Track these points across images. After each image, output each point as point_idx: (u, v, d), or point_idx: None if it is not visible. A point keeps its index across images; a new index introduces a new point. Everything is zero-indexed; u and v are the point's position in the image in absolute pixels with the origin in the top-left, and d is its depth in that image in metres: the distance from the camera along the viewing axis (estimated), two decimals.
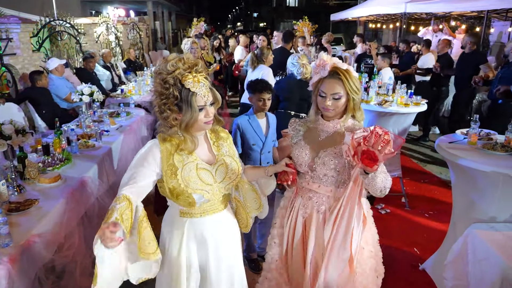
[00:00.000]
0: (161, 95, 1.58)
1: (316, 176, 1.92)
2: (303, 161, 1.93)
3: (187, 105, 1.57)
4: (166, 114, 1.59)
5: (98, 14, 12.37)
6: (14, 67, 5.97)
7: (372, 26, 15.35)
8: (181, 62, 1.57)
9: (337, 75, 1.80)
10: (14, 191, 2.55)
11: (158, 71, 1.59)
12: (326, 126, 1.91)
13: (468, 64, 5.66)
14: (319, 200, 1.94)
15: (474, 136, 2.66)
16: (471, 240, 2.25)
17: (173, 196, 1.67)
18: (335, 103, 1.81)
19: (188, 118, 1.58)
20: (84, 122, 4.11)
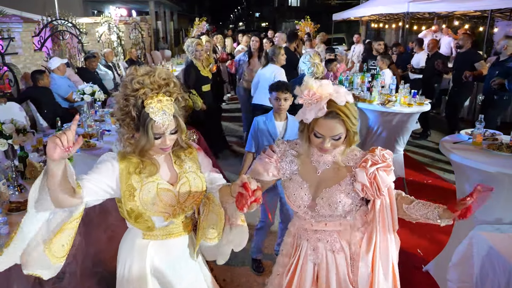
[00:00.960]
0: (120, 109, 1.44)
1: (319, 215, 1.68)
2: (302, 203, 1.67)
3: (144, 130, 1.42)
4: (122, 130, 1.49)
5: (100, 13, 12.38)
6: (16, 66, 5.96)
7: (374, 26, 15.32)
8: (149, 79, 1.39)
9: (337, 116, 1.52)
10: (15, 191, 2.54)
11: (124, 83, 1.43)
12: (322, 158, 1.66)
13: (465, 62, 5.92)
14: (330, 238, 1.70)
15: (479, 136, 2.64)
16: (476, 242, 2.23)
17: (131, 219, 1.55)
18: (334, 143, 1.57)
19: (143, 143, 1.45)
20: (86, 121, 4.10)
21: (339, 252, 1.70)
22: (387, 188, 1.60)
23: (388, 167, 1.56)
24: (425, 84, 6.65)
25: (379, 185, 1.54)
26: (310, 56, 3.83)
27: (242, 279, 3.06)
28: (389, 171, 1.58)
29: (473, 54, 6.00)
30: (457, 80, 6.09)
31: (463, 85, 6.04)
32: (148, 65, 1.49)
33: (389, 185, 1.61)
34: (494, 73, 4.99)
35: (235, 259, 3.12)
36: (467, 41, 5.94)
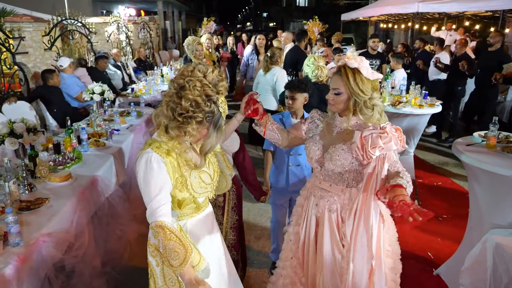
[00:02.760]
0: (196, 105, 1.48)
1: (326, 174, 1.93)
2: (313, 155, 1.96)
3: (216, 127, 1.55)
4: (191, 126, 1.50)
5: (109, 13, 12.45)
6: (26, 65, 6.01)
7: (383, 26, 15.21)
8: (222, 84, 1.54)
9: (339, 72, 1.82)
10: (25, 190, 2.54)
11: (202, 80, 1.49)
12: (340, 122, 1.91)
13: (492, 63, 5.53)
14: (330, 199, 1.94)
15: (493, 139, 2.58)
16: (490, 246, 2.18)
17: (180, 207, 1.64)
18: (335, 98, 1.84)
19: (215, 140, 1.57)
20: (95, 121, 4.11)
21: (333, 212, 1.92)
22: (377, 152, 1.71)
23: (383, 133, 1.70)
24: (449, 86, 6.36)
25: (368, 146, 1.70)
26: (314, 59, 3.78)
27: (252, 280, 3.04)
28: (384, 137, 1.70)
29: (503, 54, 5.66)
30: (482, 82, 5.69)
31: (489, 87, 5.64)
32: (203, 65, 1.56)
33: (382, 153, 1.73)
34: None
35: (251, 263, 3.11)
36: (498, 40, 5.52)
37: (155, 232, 1.48)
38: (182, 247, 1.45)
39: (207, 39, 6.10)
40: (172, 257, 1.43)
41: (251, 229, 3.76)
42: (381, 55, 6.74)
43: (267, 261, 3.23)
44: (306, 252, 2.04)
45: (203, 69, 1.51)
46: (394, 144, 1.71)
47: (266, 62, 4.72)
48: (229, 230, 2.52)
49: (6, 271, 1.78)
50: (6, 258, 1.85)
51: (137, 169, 1.55)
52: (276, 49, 4.84)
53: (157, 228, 1.48)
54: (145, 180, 1.52)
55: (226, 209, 2.50)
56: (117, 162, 3.42)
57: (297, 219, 2.11)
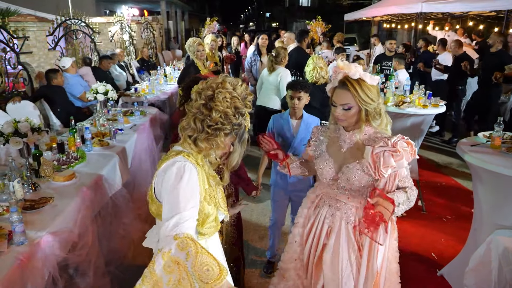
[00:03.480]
0: (226, 117, 1.47)
1: (342, 188, 1.89)
2: (327, 175, 1.92)
3: (240, 141, 1.54)
4: (218, 139, 1.48)
5: (112, 13, 12.48)
6: (30, 65, 6.02)
7: (386, 26, 15.17)
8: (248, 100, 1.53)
9: (345, 86, 1.75)
10: (29, 189, 2.55)
11: (232, 93, 1.47)
12: (347, 137, 1.87)
13: (494, 63, 5.57)
14: (348, 211, 1.90)
15: (497, 139, 2.57)
16: (495, 247, 2.17)
17: (203, 224, 1.53)
18: (345, 113, 1.78)
19: (239, 154, 1.56)
20: (99, 120, 4.12)
21: (351, 224, 1.89)
22: (389, 171, 1.67)
23: (395, 152, 1.64)
24: (450, 85, 6.44)
25: (380, 165, 1.65)
26: (313, 60, 3.78)
27: (254, 280, 3.04)
28: (396, 156, 1.64)
29: (504, 55, 5.69)
30: (485, 82, 5.74)
31: (491, 87, 5.69)
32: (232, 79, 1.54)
33: (394, 170, 1.70)
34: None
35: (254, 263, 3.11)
36: (497, 40, 5.60)
37: (183, 244, 1.31)
38: (215, 262, 1.32)
39: (211, 40, 6.08)
40: (203, 271, 1.28)
41: (255, 229, 3.75)
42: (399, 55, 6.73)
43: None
44: (312, 260, 2.01)
45: (233, 82, 1.50)
46: (405, 160, 1.67)
47: (271, 62, 4.70)
48: (230, 227, 2.52)
49: (10, 270, 1.79)
50: (11, 256, 1.86)
51: (165, 177, 1.44)
52: (281, 49, 4.82)
53: (187, 239, 1.32)
54: (174, 189, 1.41)
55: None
56: (120, 161, 3.43)
57: (304, 221, 2.08)
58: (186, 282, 1.28)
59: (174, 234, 1.34)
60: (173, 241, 1.32)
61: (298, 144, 2.80)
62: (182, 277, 1.29)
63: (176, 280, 1.29)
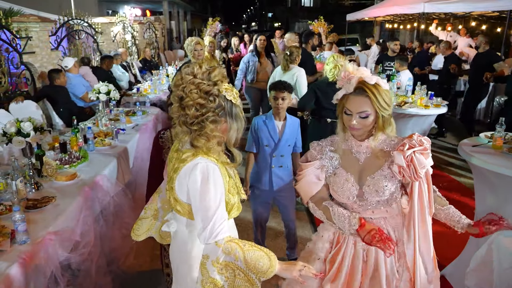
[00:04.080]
0: (201, 107, 1.43)
1: (367, 203, 1.74)
2: (350, 194, 1.72)
3: (232, 117, 1.49)
4: (208, 129, 1.45)
5: (114, 13, 12.51)
6: (33, 65, 6.05)
7: (388, 26, 15.16)
8: (218, 73, 1.47)
9: (364, 92, 1.61)
10: (32, 188, 2.57)
11: (194, 82, 1.44)
12: (361, 147, 1.72)
13: (482, 63, 5.88)
14: (378, 225, 1.73)
15: (499, 139, 2.57)
16: (496, 247, 2.17)
17: (229, 212, 1.55)
18: (362, 122, 1.64)
19: (236, 130, 1.51)
20: (101, 120, 4.13)
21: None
22: (424, 170, 1.62)
23: (425, 150, 1.59)
24: (440, 85, 6.60)
25: (416, 166, 1.57)
26: (334, 58, 3.72)
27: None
28: (427, 154, 1.60)
29: (492, 55, 5.96)
30: (475, 82, 6.01)
31: (481, 87, 5.99)
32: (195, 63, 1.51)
33: (426, 168, 1.63)
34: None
35: None
36: (483, 42, 5.95)
37: (227, 249, 1.42)
38: (262, 252, 1.45)
39: (210, 42, 6.06)
40: (256, 266, 1.42)
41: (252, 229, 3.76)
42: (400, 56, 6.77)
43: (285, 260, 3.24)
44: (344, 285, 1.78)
45: (190, 70, 1.46)
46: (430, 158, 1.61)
47: (286, 61, 4.68)
48: None
49: (13, 269, 1.80)
50: (13, 255, 1.87)
51: (189, 182, 1.45)
52: (294, 48, 4.79)
53: (229, 243, 1.43)
54: (203, 192, 1.42)
55: None
56: (122, 161, 3.44)
57: (326, 255, 1.85)
58: (242, 276, 1.42)
59: (215, 241, 1.43)
60: (218, 249, 1.42)
61: (284, 145, 2.82)
62: (237, 273, 1.43)
63: (232, 276, 1.43)
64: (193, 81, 1.43)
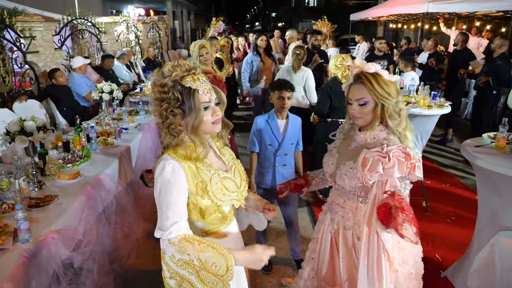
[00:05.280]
0: (161, 101, 1.46)
1: (340, 189, 1.86)
2: (328, 170, 1.90)
3: (190, 104, 1.44)
4: (169, 121, 1.46)
5: (118, 13, 12.54)
6: (37, 64, 6.08)
7: (392, 26, 15.12)
8: (177, 67, 1.47)
9: (360, 80, 1.69)
10: (35, 187, 2.58)
11: (154, 82, 1.49)
12: (358, 137, 1.81)
13: (459, 60, 6.32)
14: (345, 215, 1.86)
15: (502, 140, 2.56)
16: (499, 248, 2.17)
17: (203, 217, 1.53)
18: (360, 109, 1.70)
19: (193, 118, 1.45)
20: (104, 119, 4.15)
21: (348, 229, 1.85)
22: (376, 177, 1.58)
23: (384, 158, 1.56)
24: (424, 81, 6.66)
25: (365, 170, 1.59)
26: (343, 58, 3.68)
27: (257, 279, 3.05)
28: (386, 163, 1.55)
29: (467, 53, 6.37)
30: (451, 76, 6.48)
31: (457, 83, 6.38)
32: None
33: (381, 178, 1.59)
34: (484, 69, 5.45)
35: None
36: (460, 39, 6.33)
37: (180, 248, 1.38)
38: (219, 255, 1.37)
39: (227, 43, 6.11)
40: (212, 269, 1.36)
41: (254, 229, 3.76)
42: (388, 56, 6.74)
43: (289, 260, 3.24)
44: (320, 272, 1.97)
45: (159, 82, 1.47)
46: (397, 171, 1.55)
47: (299, 61, 4.68)
48: None
49: (15, 267, 1.81)
50: (16, 254, 1.88)
51: (155, 178, 1.47)
52: (300, 48, 4.83)
53: (182, 242, 1.39)
54: (161, 190, 1.44)
55: None
56: (125, 160, 3.45)
57: (316, 235, 2.05)
58: (204, 273, 1.38)
59: (168, 239, 1.40)
60: (171, 247, 1.40)
61: (287, 143, 2.82)
62: (198, 269, 1.38)
63: (196, 271, 1.38)
64: (154, 82, 1.49)
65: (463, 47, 6.39)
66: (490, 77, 5.22)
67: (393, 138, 1.70)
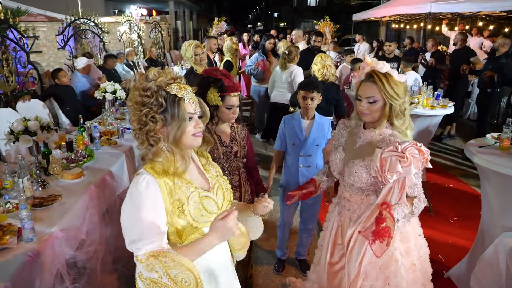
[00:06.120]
0: (142, 105, 1.35)
1: (347, 184, 1.92)
2: (335, 167, 1.95)
3: (174, 112, 1.35)
4: (149, 127, 1.35)
5: (121, 13, 12.56)
6: (40, 64, 6.09)
7: (394, 26, 15.09)
8: (163, 73, 1.39)
9: (372, 79, 1.75)
10: (39, 187, 2.59)
11: (135, 85, 1.38)
12: (363, 134, 1.87)
13: (460, 58, 6.44)
14: (351, 208, 1.93)
15: (506, 140, 2.55)
16: (503, 249, 2.16)
17: (181, 238, 1.41)
18: (370, 107, 1.77)
19: (175, 128, 1.36)
20: (107, 119, 4.15)
21: (354, 221, 1.87)
22: (396, 176, 1.63)
23: (402, 158, 1.60)
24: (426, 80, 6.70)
25: (385, 169, 1.62)
26: (321, 58, 3.81)
27: (260, 280, 3.05)
28: (404, 162, 1.60)
29: (468, 50, 6.57)
30: (453, 75, 6.61)
31: (459, 79, 6.51)
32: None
33: (401, 177, 1.65)
34: (488, 67, 5.55)
35: (254, 258, 3.12)
36: (459, 39, 6.52)
37: (148, 266, 1.27)
38: (188, 272, 1.28)
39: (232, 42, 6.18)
40: (182, 284, 1.27)
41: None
42: (399, 58, 6.72)
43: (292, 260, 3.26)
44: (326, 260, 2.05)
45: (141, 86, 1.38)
46: (414, 167, 1.62)
47: (284, 59, 4.85)
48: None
49: (19, 266, 1.82)
50: (20, 253, 1.89)
51: (128, 191, 1.36)
52: (293, 47, 4.97)
53: (150, 259, 1.27)
54: (131, 203, 1.33)
55: None
56: (128, 160, 3.46)
57: (326, 224, 2.15)
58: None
59: (135, 256, 1.31)
60: (140, 264, 1.30)
61: (311, 144, 2.78)
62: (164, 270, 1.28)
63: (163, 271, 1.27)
64: (134, 85, 1.39)
65: (462, 46, 6.56)
66: (496, 73, 5.31)
67: (398, 134, 1.79)
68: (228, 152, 2.33)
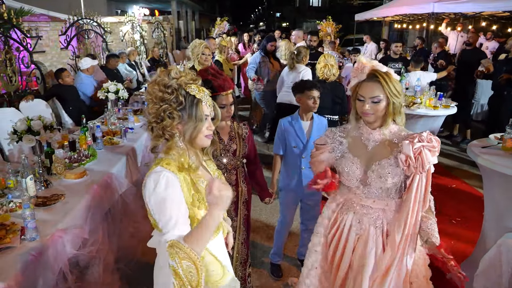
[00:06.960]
0: (161, 100, 1.42)
1: (370, 191, 1.83)
2: (354, 176, 1.84)
3: (192, 112, 1.44)
4: (166, 122, 1.42)
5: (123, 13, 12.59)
6: (43, 64, 6.11)
7: (397, 27, 15.05)
8: (184, 73, 1.47)
9: (375, 78, 1.73)
10: (41, 186, 2.59)
11: (156, 80, 1.45)
12: (372, 135, 1.82)
13: (470, 59, 6.27)
14: (374, 215, 1.85)
15: (509, 141, 2.54)
16: (505, 250, 2.15)
17: None
18: (374, 107, 1.74)
19: (192, 128, 1.44)
20: (109, 119, 4.16)
21: (379, 228, 1.84)
22: (428, 166, 1.68)
23: (434, 148, 1.65)
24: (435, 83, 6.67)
25: (423, 159, 1.63)
26: (324, 57, 3.80)
27: (262, 280, 3.05)
28: (433, 152, 1.66)
29: (478, 52, 6.41)
30: (462, 76, 6.43)
31: (469, 83, 6.38)
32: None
33: (430, 165, 1.70)
34: (502, 69, 5.36)
35: (253, 261, 3.12)
36: (474, 39, 6.37)
37: (171, 253, 1.34)
38: (194, 266, 1.34)
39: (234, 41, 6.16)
40: (190, 276, 1.33)
41: (263, 229, 3.76)
42: (404, 58, 6.72)
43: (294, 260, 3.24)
44: (336, 268, 1.95)
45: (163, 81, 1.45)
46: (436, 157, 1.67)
47: (292, 60, 4.80)
48: (241, 225, 2.52)
49: (22, 265, 1.82)
50: (23, 252, 1.90)
51: (145, 192, 1.42)
52: (303, 48, 4.93)
53: (171, 248, 1.34)
54: (156, 203, 1.39)
55: (239, 204, 2.51)
56: (130, 160, 3.47)
57: (325, 231, 2.02)
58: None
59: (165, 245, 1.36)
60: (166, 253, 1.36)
61: (312, 145, 2.77)
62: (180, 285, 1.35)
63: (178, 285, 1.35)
64: (155, 80, 1.46)
65: (473, 47, 6.39)
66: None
67: (405, 129, 1.82)
68: (226, 150, 2.34)
